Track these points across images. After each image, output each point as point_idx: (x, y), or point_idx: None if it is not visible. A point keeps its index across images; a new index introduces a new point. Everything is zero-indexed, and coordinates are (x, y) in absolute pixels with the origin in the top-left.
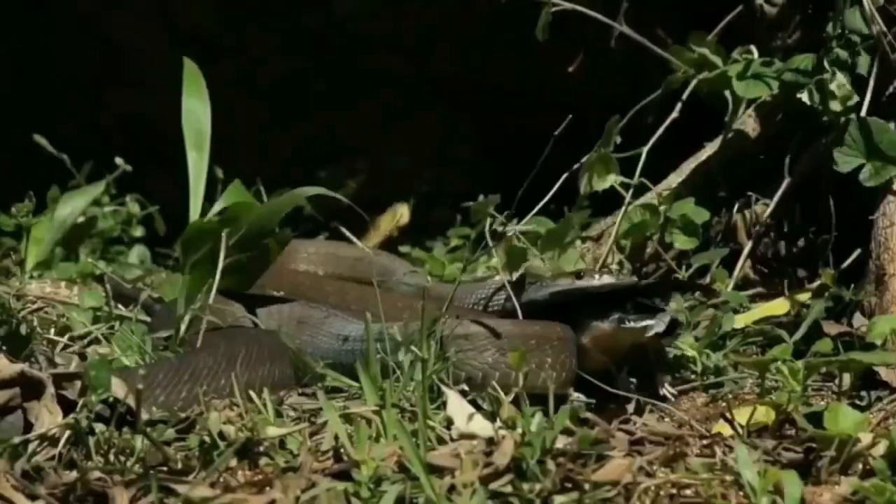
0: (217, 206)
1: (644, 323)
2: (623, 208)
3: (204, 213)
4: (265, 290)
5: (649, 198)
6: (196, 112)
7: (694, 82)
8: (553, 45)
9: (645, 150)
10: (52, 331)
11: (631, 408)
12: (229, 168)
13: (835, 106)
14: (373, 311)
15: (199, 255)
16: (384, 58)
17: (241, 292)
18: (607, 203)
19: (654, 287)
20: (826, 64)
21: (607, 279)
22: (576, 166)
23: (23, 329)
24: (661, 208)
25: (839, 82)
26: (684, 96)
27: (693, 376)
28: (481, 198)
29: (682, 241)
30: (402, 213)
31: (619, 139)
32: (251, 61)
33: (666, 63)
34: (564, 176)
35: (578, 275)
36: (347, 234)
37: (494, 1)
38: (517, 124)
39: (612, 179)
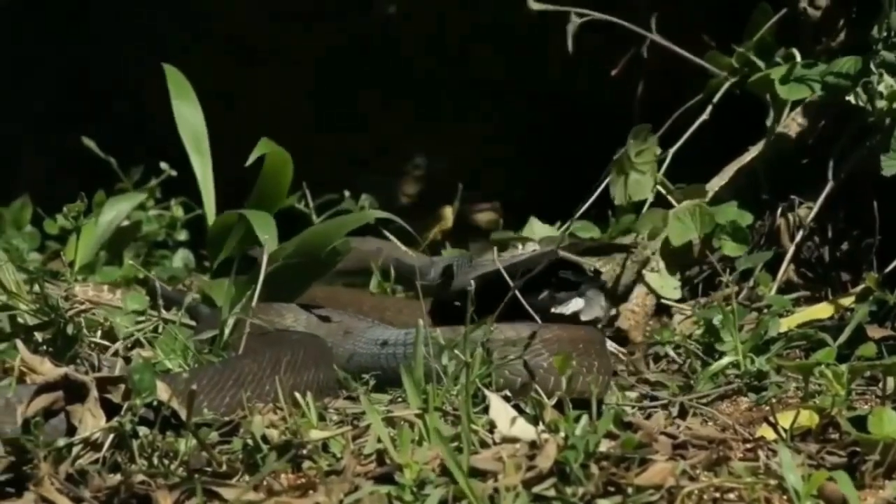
0: (253, 156)
1: (573, 308)
2: (645, 206)
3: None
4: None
5: (694, 201)
6: (189, 116)
7: (727, 84)
8: (596, 47)
9: (671, 151)
10: (98, 333)
11: None
12: None
13: (882, 105)
14: (390, 320)
15: (224, 254)
16: (426, 60)
17: (291, 302)
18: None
19: (580, 253)
20: (872, 66)
21: (530, 248)
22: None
23: (69, 329)
24: (709, 211)
25: (887, 83)
26: (715, 99)
27: (736, 380)
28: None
29: (730, 248)
30: (445, 217)
31: (658, 150)
32: (293, 63)
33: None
34: (606, 181)
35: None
36: (395, 241)
37: (527, 12)
38: (559, 127)
39: (644, 184)
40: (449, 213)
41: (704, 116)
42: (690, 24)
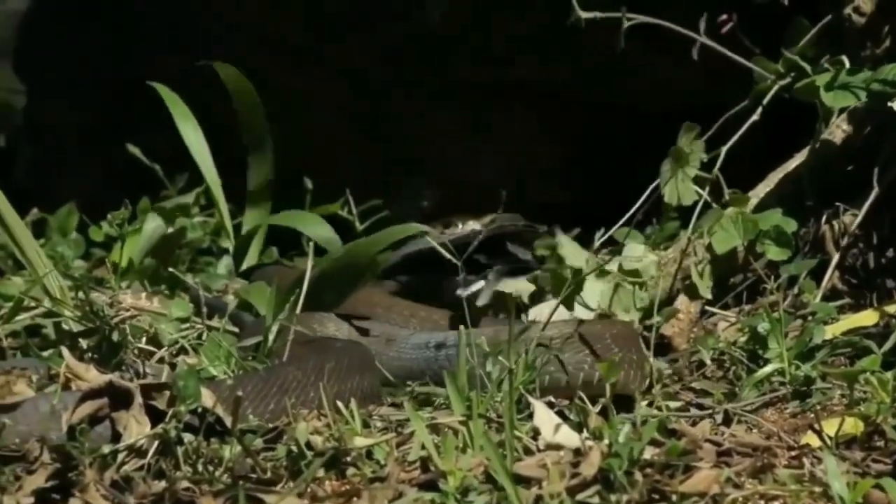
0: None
1: (469, 292)
2: (698, 208)
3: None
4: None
5: (738, 208)
6: (193, 139)
7: (775, 88)
8: (640, 53)
9: (724, 150)
10: (143, 339)
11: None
12: (317, 176)
13: None
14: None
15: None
16: (472, 67)
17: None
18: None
19: (509, 236)
20: None
21: (468, 228)
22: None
23: (115, 336)
24: (752, 217)
25: None
26: (765, 101)
27: (781, 387)
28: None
29: (774, 253)
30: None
31: (704, 156)
32: (339, 70)
33: (753, 73)
34: (652, 187)
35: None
36: (439, 248)
37: (575, 20)
38: (604, 134)
39: (691, 186)
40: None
41: (755, 117)
42: (732, 30)
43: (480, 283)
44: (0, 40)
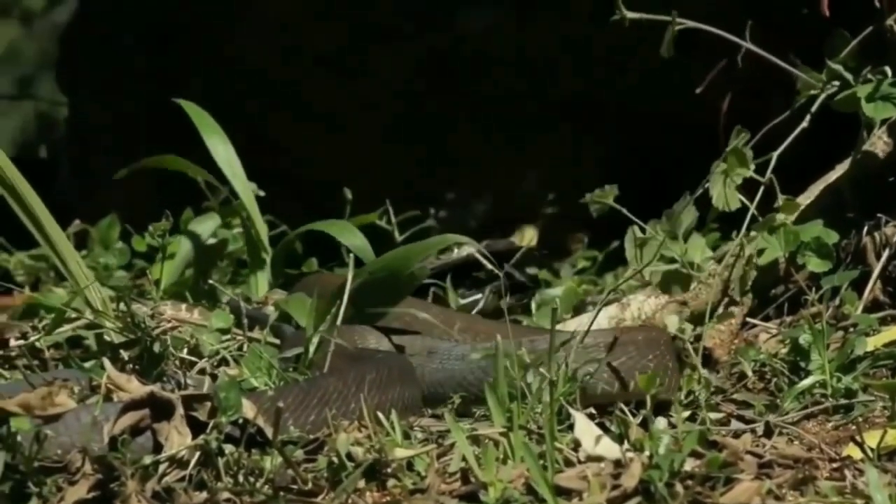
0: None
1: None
2: (749, 212)
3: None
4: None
5: (779, 219)
6: (222, 153)
7: (822, 97)
8: (681, 63)
9: (775, 154)
10: (185, 350)
11: None
12: (356, 187)
13: None
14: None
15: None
16: (510, 79)
17: (371, 324)
18: (738, 223)
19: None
20: None
21: (465, 252)
22: (705, 185)
23: (156, 347)
24: (793, 229)
25: None
26: (814, 108)
27: (823, 399)
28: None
29: (815, 264)
30: (530, 236)
31: (752, 165)
32: (378, 82)
33: (796, 83)
34: (697, 193)
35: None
36: (482, 258)
37: (620, 23)
38: (644, 144)
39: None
40: (531, 231)
41: (804, 124)
42: (776, 40)
43: (478, 296)
44: (44, 53)
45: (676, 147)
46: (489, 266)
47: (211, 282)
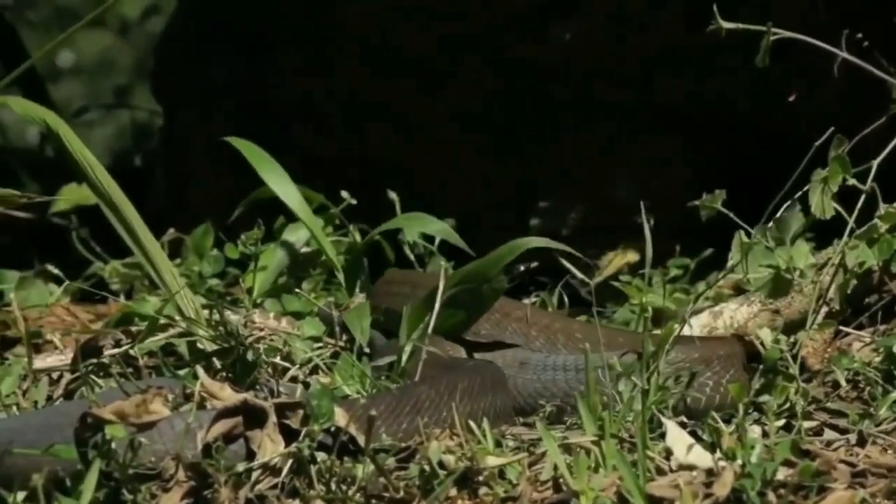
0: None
1: None
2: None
3: None
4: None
5: (881, 227)
6: (280, 182)
7: None
8: (773, 71)
9: (876, 162)
10: (278, 358)
11: None
12: (448, 198)
13: None
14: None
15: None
16: (603, 87)
17: (457, 335)
18: (833, 232)
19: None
20: None
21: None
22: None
23: (249, 356)
24: (887, 238)
25: None
26: None
27: None
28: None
29: None
30: (630, 253)
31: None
32: (470, 91)
33: (891, 91)
34: (798, 195)
35: None
36: (573, 269)
37: (715, 32)
38: (739, 153)
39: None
40: (633, 254)
41: None
42: (869, 47)
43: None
44: (140, 62)
45: (768, 155)
46: (577, 273)
47: (298, 291)
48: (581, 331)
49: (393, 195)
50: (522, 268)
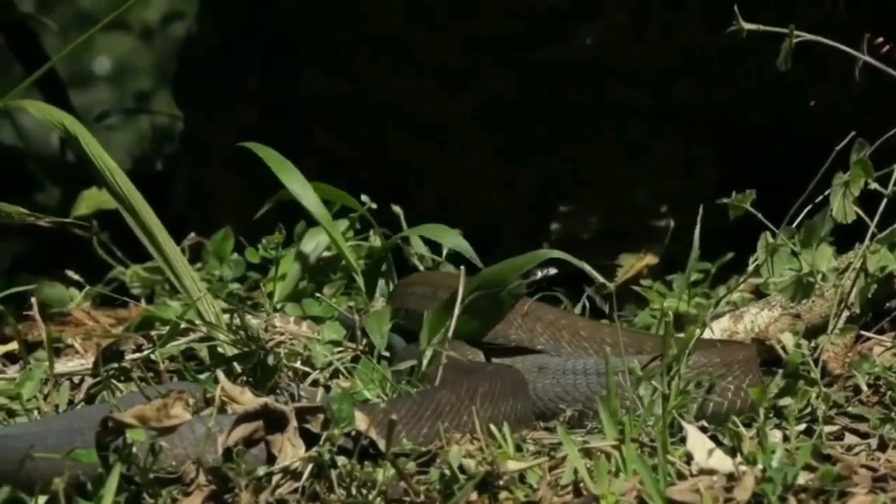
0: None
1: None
2: (873, 224)
3: None
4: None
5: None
6: (300, 189)
7: None
8: (795, 75)
9: None
10: (298, 362)
11: None
12: (468, 200)
13: None
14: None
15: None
16: (624, 90)
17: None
18: (854, 236)
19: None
20: None
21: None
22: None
23: (270, 360)
24: None
25: None
26: None
27: None
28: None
29: None
30: (649, 256)
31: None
32: (490, 94)
33: None
34: (819, 200)
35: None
36: (593, 273)
37: (737, 34)
38: (759, 157)
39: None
40: (652, 257)
41: None
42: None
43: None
44: (160, 67)
45: (788, 159)
46: (600, 280)
47: (319, 295)
48: (611, 336)
49: (397, 208)
50: (540, 274)
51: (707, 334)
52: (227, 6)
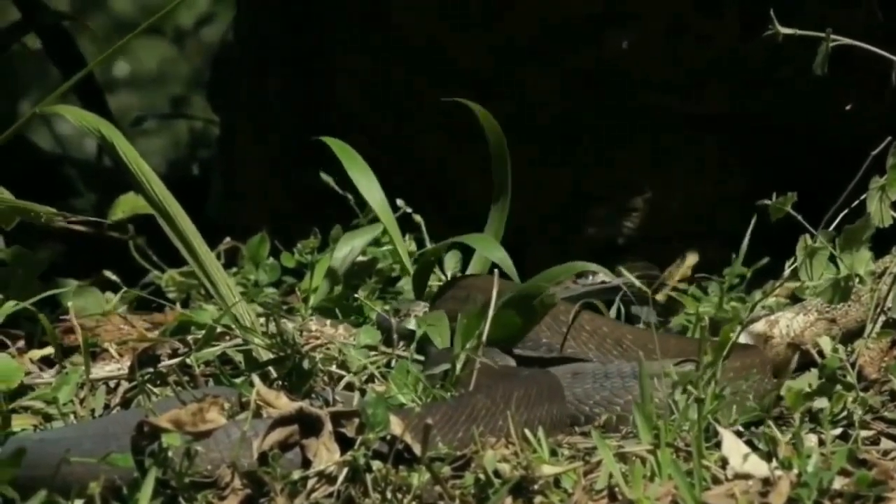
0: None
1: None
2: None
3: None
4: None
5: None
6: (367, 185)
7: None
8: (829, 80)
9: None
10: (333, 366)
11: None
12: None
13: None
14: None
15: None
16: (658, 96)
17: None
18: (890, 240)
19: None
20: None
21: (598, 279)
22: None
23: (305, 364)
24: None
25: None
26: None
27: None
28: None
29: None
30: (690, 256)
31: None
32: (525, 101)
33: None
34: (853, 205)
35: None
36: (632, 277)
37: (771, 39)
38: (792, 163)
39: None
40: (693, 257)
41: None
42: None
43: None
44: (196, 71)
45: (823, 164)
46: (637, 283)
47: (358, 296)
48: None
49: (418, 217)
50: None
51: (742, 339)
52: (262, 12)
